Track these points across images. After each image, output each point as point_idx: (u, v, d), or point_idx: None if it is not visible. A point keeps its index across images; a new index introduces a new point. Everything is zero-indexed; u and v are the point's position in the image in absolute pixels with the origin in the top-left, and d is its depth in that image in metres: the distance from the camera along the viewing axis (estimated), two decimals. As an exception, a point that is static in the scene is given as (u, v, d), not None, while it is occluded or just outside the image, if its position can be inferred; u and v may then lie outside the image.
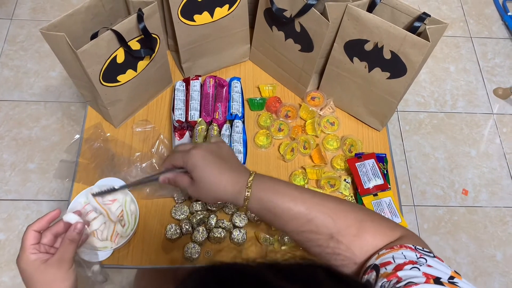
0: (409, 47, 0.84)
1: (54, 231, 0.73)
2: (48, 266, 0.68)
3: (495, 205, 1.87)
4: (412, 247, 0.57)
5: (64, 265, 0.69)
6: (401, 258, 0.54)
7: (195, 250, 0.87)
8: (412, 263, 0.51)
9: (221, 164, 0.69)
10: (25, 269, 0.68)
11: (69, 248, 0.70)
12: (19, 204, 1.74)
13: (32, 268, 0.67)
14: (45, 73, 2.02)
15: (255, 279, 0.36)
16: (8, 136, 1.87)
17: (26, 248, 0.68)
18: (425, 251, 0.56)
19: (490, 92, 2.15)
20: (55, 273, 0.68)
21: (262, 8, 0.99)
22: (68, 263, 0.69)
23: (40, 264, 0.68)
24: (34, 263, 0.67)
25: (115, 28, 0.82)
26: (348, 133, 1.05)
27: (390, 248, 0.57)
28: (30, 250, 0.68)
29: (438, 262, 0.53)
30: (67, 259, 0.69)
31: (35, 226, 0.71)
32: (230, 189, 0.68)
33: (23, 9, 2.20)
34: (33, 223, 0.72)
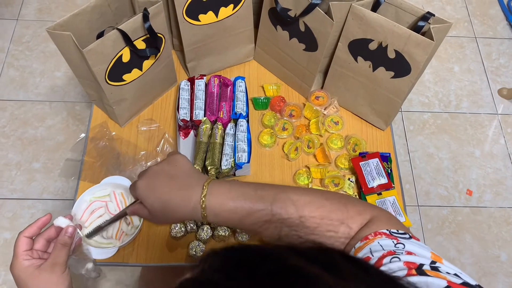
0: (413, 47, 0.85)
1: (46, 236, 0.74)
2: (42, 271, 0.68)
3: (499, 205, 1.87)
4: (387, 232, 0.55)
5: (57, 269, 0.69)
6: (379, 250, 0.52)
7: (199, 248, 0.87)
8: (391, 254, 0.49)
9: (169, 185, 0.65)
10: (18, 275, 0.68)
11: (61, 252, 0.71)
12: (24, 203, 1.75)
13: (25, 274, 0.68)
14: (50, 73, 2.04)
15: (275, 259, 0.35)
16: (14, 135, 1.88)
17: (18, 254, 0.69)
18: (401, 234, 0.54)
19: (495, 92, 2.15)
20: (48, 277, 0.68)
21: (267, 7, 0.99)
22: (61, 267, 0.70)
23: (34, 270, 0.68)
24: (28, 269, 0.68)
25: (121, 27, 0.82)
26: (352, 133, 1.05)
27: (365, 239, 0.55)
28: (23, 256, 0.69)
29: (416, 244, 0.51)
30: (60, 263, 0.70)
31: (27, 233, 0.72)
32: (183, 209, 0.63)
33: (29, 9, 2.22)
34: (24, 229, 0.72)
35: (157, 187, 0.65)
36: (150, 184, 0.65)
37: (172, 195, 0.64)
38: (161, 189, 0.64)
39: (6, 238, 1.68)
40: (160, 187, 0.65)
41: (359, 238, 0.58)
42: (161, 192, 0.64)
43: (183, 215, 0.64)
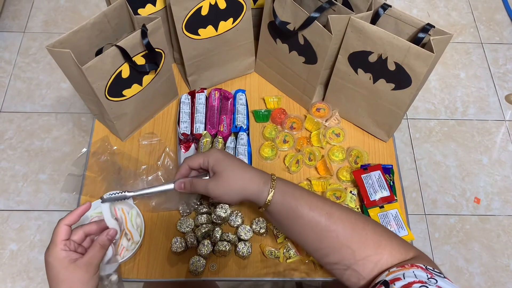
0: (413, 59, 0.84)
1: (87, 230, 0.73)
2: (77, 267, 0.67)
3: (508, 213, 1.84)
4: (423, 267, 0.57)
5: (91, 269, 0.68)
6: (411, 276, 0.53)
7: (200, 263, 0.87)
8: (421, 283, 0.51)
9: (242, 162, 0.72)
10: (53, 264, 0.67)
11: (99, 253, 0.70)
12: (31, 214, 1.76)
13: (60, 265, 0.67)
14: (57, 85, 2.06)
15: None
16: (21, 147, 1.90)
17: (57, 243, 0.68)
18: (436, 272, 0.56)
19: (502, 98, 2.12)
20: (82, 275, 0.67)
21: (266, 21, 0.99)
22: (95, 268, 0.69)
23: (69, 264, 0.67)
24: (63, 260, 0.67)
25: (120, 44, 0.83)
26: (353, 144, 1.04)
27: (401, 267, 0.57)
28: (61, 246, 0.68)
29: (448, 282, 0.52)
30: (95, 263, 0.69)
31: (67, 220, 0.70)
32: (255, 182, 0.69)
33: (35, 22, 2.25)
34: (64, 217, 0.71)
35: (234, 158, 0.72)
36: (227, 154, 0.73)
37: (246, 167, 0.71)
38: (237, 160, 0.72)
39: (13, 250, 1.69)
40: (236, 159, 0.72)
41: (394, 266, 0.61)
42: (237, 162, 0.71)
43: (248, 189, 0.69)
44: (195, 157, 0.74)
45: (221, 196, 0.72)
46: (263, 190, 0.68)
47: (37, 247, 1.71)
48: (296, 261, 0.89)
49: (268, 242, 0.91)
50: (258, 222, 0.91)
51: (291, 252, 0.88)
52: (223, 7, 0.94)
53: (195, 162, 0.74)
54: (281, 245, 0.90)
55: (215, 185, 0.71)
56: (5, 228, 1.73)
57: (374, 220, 0.71)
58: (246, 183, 0.69)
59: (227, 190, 0.71)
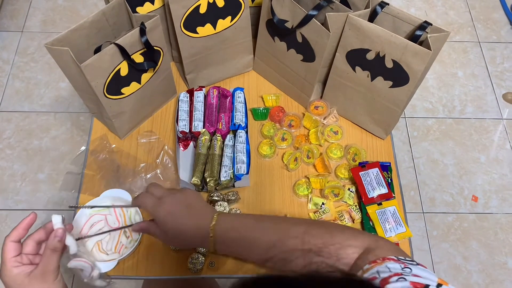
0: (411, 56, 0.84)
1: (36, 238, 0.69)
2: (32, 279, 0.65)
3: (505, 211, 1.85)
4: (395, 258, 0.56)
5: (48, 277, 0.65)
6: (385, 271, 0.53)
7: (199, 260, 0.87)
8: (397, 275, 0.50)
9: (186, 214, 0.69)
10: (8, 283, 0.65)
11: (51, 258, 0.66)
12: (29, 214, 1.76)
13: (15, 283, 0.64)
14: (55, 84, 2.06)
15: None
16: (19, 146, 1.90)
17: (6, 261, 0.65)
18: (408, 260, 0.55)
19: (499, 97, 2.13)
20: (39, 286, 0.65)
21: (264, 19, 0.99)
22: (53, 274, 0.66)
23: (24, 278, 0.64)
24: (17, 276, 0.64)
25: (118, 42, 0.83)
26: (351, 142, 1.05)
27: (373, 262, 0.56)
28: (11, 263, 0.65)
29: (423, 270, 0.52)
30: (51, 270, 0.66)
31: (13, 236, 0.67)
32: (196, 237, 0.68)
33: (34, 21, 2.25)
34: (10, 233, 0.67)
35: (177, 215, 0.69)
36: (172, 211, 0.69)
37: (189, 223, 0.68)
38: (180, 218, 0.69)
39: (11, 249, 1.69)
40: (180, 215, 0.69)
41: (366, 262, 0.59)
42: (180, 221, 0.68)
43: (193, 242, 0.71)
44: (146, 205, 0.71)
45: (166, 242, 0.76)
46: (205, 242, 0.68)
47: (35, 246, 1.71)
48: (294, 258, 0.89)
49: (266, 239, 0.91)
50: (257, 219, 0.91)
51: (290, 249, 0.88)
52: (221, 5, 0.94)
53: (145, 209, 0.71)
54: (279, 242, 0.90)
55: (165, 240, 0.72)
56: (4, 228, 1.73)
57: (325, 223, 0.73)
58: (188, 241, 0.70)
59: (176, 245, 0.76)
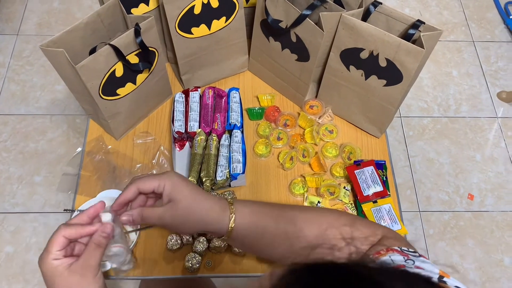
0: (404, 55, 0.85)
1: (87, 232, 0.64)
2: (71, 272, 0.61)
3: (501, 209, 1.86)
4: (398, 249, 0.56)
5: (88, 272, 0.61)
6: (389, 263, 0.53)
7: (196, 260, 0.87)
8: (401, 267, 0.51)
9: (200, 188, 0.65)
10: (46, 273, 0.62)
11: (94, 254, 0.62)
12: (26, 216, 1.76)
13: (53, 274, 0.61)
14: (51, 87, 2.05)
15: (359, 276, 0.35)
16: (15, 149, 1.89)
17: (50, 252, 0.61)
18: (411, 252, 0.56)
19: (494, 95, 2.14)
20: (78, 281, 0.61)
21: (258, 19, 1.00)
22: (94, 270, 0.62)
23: (64, 270, 0.61)
24: (57, 269, 0.61)
25: (113, 42, 0.83)
26: (347, 141, 1.05)
27: (377, 253, 0.57)
28: (53, 255, 0.61)
29: (425, 262, 0.53)
30: (93, 265, 0.62)
31: (68, 233, 0.62)
32: (215, 211, 0.63)
33: (29, 24, 2.24)
34: (66, 226, 0.62)
35: (191, 184, 0.64)
36: (184, 178, 0.64)
37: (204, 195, 0.63)
38: (194, 187, 0.64)
39: (8, 252, 1.69)
40: (193, 185, 0.64)
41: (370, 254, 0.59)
42: (194, 189, 0.63)
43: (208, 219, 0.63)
44: (148, 180, 0.63)
45: (178, 227, 0.64)
46: (223, 218, 0.63)
47: (32, 249, 1.70)
48: (291, 256, 0.89)
49: (263, 238, 0.92)
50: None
51: (286, 248, 0.89)
52: (216, 6, 0.95)
53: (147, 185, 0.63)
54: (276, 241, 0.91)
55: (173, 214, 0.62)
56: (0, 231, 1.73)
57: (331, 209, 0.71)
58: (206, 213, 0.63)
59: (185, 221, 0.63)
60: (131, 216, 0.64)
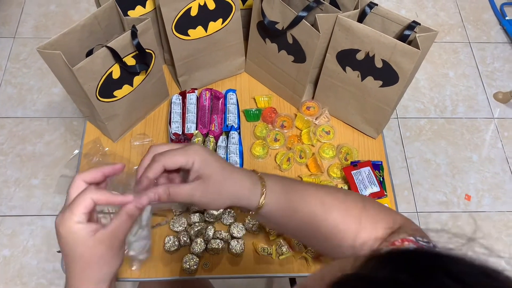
0: (400, 56, 0.86)
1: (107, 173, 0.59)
2: (98, 241, 0.53)
3: (498, 209, 1.86)
4: (414, 239, 0.55)
5: (115, 243, 0.54)
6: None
7: (193, 261, 0.87)
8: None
9: (228, 162, 0.61)
10: (66, 238, 0.53)
11: (125, 224, 0.55)
12: (23, 219, 1.75)
13: (74, 239, 0.53)
14: (48, 90, 2.05)
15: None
16: (12, 152, 1.89)
17: (74, 213, 0.53)
18: (426, 242, 0.55)
19: (490, 96, 2.15)
20: (104, 251, 0.53)
21: (255, 21, 1.00)
22: (121, 242, 0.55)
23: (87, 237, 0.52)
24: (79, 233, 0.52)
25: (110, 45, 0.83)
26: (343, 142, 1.06)
27: (392, 245, 0.55)
28: (77, 218, 0.52)
29: None
30: (121, 238, 0.54)
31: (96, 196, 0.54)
32: (246, 185, 0.59)
33: (26, 27, 2.24)
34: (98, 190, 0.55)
35: (219, 157, 0.60)
36: (211, 151, 0.60)
37: (233, 168, 0.60)
38: (223, 160, 0.60)
39: (5, 256, 1.68)
40: (221, 160, 0.60)
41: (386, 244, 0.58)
42: (224, 162, 0.59)
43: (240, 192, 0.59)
44: (174, 156, 0.58)
45: (208, 204, 0.60)
46: (254, 193, 0.60)
47: (30, 253, 1.70)
48: (288, 257, 0.89)
49: (260, 239, 0.92)
50: (251, 219, 0.92)
51: (284, 249, 0.89)
52: (212, 8, 0.95)
53: (174, 162, 0.57)
54: (273, 242, 0.91)
55: (204, 191, 0.58)
56: (-2, 234, 1.73)
57: (360, 195, 0.68)
58: (237, 188, 0.59)
59: (216, 197, 0.59)
60: (157, 194, 0.57)
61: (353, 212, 0.64)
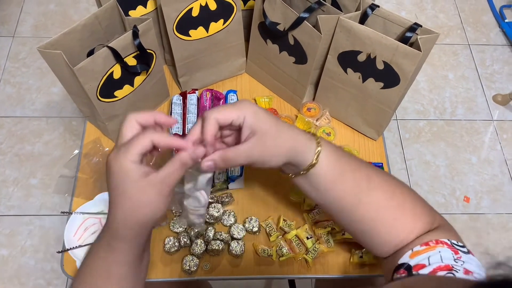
0: (401, 57, 0.85)
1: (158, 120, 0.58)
2: (148, 184, 0.52)
3: (497, 211, 1.87)
4: (448, 242, 0.54)
5: (165, 190, 0.53)
6: (437, 260, 0.51)
7: (193, 262, 0.87)
8: (448, 269, 0.49)
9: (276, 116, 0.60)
10: (117, 173, 0.52)
11: (178, 172, 0.54)
12: (22, 219, 1.75)
13: (126, 177, 0.52)
14: (47, 89, 2.05)
15: None
16: (11, 152, 1.89)
17: (130, 152, 0.52)
18: (460, 246, 0.54)
19: (490, 98, 2.16)
20: (154, 196, 0.52)
21: (256, 22, 1.00)
22: (170, 190, 0.54)
23: (140, 178, 0.52)
24: (132, 172, 0.52)
25: (111, 45, 0.83)
26: (344, 143, 1.05)
27: (426, 245, 0.54)
28: (133, 157, 0.52)
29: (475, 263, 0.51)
30: (171, 183, 0.54)
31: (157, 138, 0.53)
32: (302, 141, 0.58)
33: (25, 26, 2.24)
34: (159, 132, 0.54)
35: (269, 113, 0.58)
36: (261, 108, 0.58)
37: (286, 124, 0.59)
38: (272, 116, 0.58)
39: (3, 255, 1.68)
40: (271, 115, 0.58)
41: (419, 242, 0.57)
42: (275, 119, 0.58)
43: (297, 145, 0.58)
44: (225, 111, 0.55)
45: (266, 162, 0.57)
46: (310, 149, 0.58)
47: (28, 252, 1.69)
48: (288, 259, 0.89)
49: (261, 241, 0.92)
50: (251, 221, 0.91)
51: (284, 250, 0.89)
52: (214, 8, 0.95)
53: (226, 117, 0.55)
54: (274, 243, 0.91)
55: (262, 147, 0.56)
56: (-4, 234, 1.72)
57: (409, 187, 0.66)
58: (293, 142, 0.57)
59: (274, 152, 0.57)
60: (213, 161, 0.56)
61: (397, 198, 0.62)
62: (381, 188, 0.62)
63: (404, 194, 0.63)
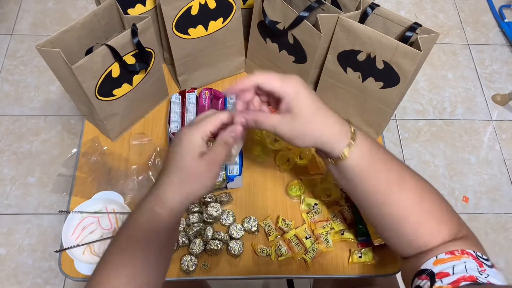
0: (401, 57, 0.85)
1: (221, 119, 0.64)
2: (203, 162, 0.59)
3: (496, 212, 1.87)
4: (474, 254, 0.54)
5: (214, 168, 0.60)
6: (461, 270, 0.51)
7: (192, 262, 0.87)
8: (472, 280, 0.49)
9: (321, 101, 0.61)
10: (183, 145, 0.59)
11: (222, 150, 0.60)
12: (19, 218, 1.74)
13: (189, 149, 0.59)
14: (45, 87, 2.04)
15: None
16: (9, 150, 1.88)
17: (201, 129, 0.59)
18: (485, 260, 0.54)
19: (489, 98, 2.16)
20: (204, 171, 0.59)
21: (256, 20, 1.00)
22: (218, 167, 0.61)
23: (198, 155, 0.59)
24: (195, 147, 0.59)
25: (110, 43, 0.83)
26: (343, 143, 1.05)
27: (451, 253, 0.54)
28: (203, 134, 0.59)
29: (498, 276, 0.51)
30: (218, 161, 0.60)
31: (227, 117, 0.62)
32: (335, 131, 0.59)
33: (23, 24, 2.23)
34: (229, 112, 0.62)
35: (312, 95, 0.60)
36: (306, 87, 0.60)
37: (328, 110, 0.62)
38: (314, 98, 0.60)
39: (0, 254, 1.67)
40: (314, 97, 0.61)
41: (444, 250, 0.56)
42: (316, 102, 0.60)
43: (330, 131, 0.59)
44: (271, 77, 0.59)
45: (292, 139, 0.60)
46: (340, 143, 0.59)
47: (25, 251, 1.69)
48: (287, 258, 0.89)
49: (259, 240, 0.91)
50: (250, 220, 0.91)
51: (283, 250, 0.89)
52: (213, 7, 0.95)
53: (269, 83, 0.59)
54: (272, 243, 0.91)
55: (290, 126, 0.58)
56: (-7, 232, 1.72)
57: (439, 193, 0.66)
58: (323, 132, 0.59)
59: (300, 135, 0.59)
60: (245, 118, 0.61)
61: (426, 202, 0.62)
62: (412, 190, 0.62)
63: (433, 200, 0.63)
